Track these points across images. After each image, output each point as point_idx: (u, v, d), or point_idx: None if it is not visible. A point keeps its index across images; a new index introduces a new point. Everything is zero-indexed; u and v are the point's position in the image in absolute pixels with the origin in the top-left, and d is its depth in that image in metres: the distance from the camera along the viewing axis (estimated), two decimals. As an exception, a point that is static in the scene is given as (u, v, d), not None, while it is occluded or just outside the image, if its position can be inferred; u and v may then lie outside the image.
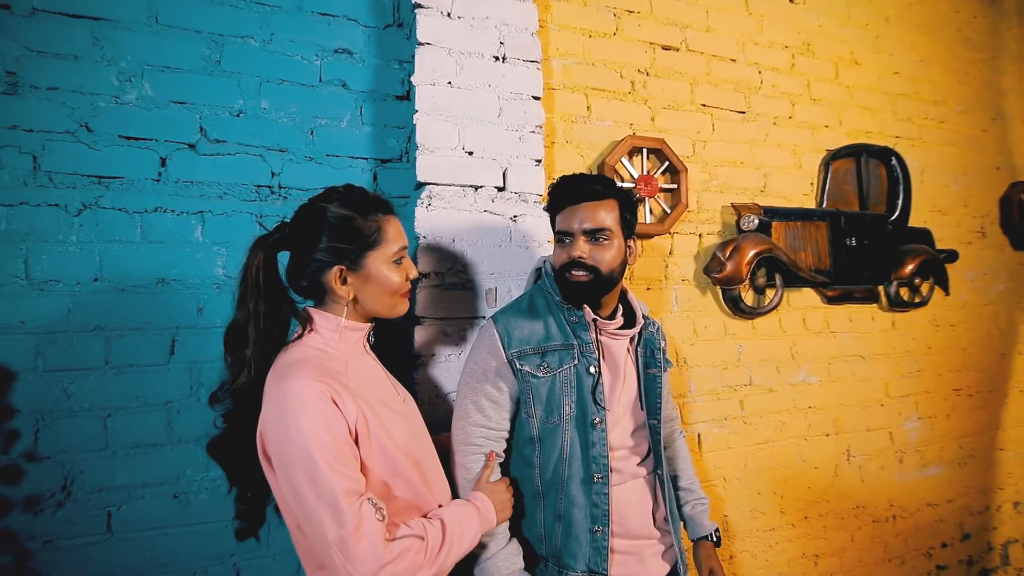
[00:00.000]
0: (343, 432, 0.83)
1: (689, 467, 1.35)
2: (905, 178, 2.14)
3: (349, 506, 0.78)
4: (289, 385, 0.82)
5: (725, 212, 1.89)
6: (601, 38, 1.72)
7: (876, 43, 2.20)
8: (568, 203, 1.10)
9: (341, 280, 0.93)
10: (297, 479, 0.79)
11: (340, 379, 0.87)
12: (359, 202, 0.95)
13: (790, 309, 1.99)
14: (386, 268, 0.95)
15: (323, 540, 0.78)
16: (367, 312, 0.98)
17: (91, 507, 1.18)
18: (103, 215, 1.22)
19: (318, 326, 0.94)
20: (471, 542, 0.95)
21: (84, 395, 1.19)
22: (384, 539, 0.80)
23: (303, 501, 0.79)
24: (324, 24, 1.42)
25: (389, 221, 0.97)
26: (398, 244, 0.97)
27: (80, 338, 1.19)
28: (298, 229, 0.95)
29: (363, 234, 0.93)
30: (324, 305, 0.96)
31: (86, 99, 1.22)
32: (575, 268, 1.08)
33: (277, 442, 0.81)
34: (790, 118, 2.02)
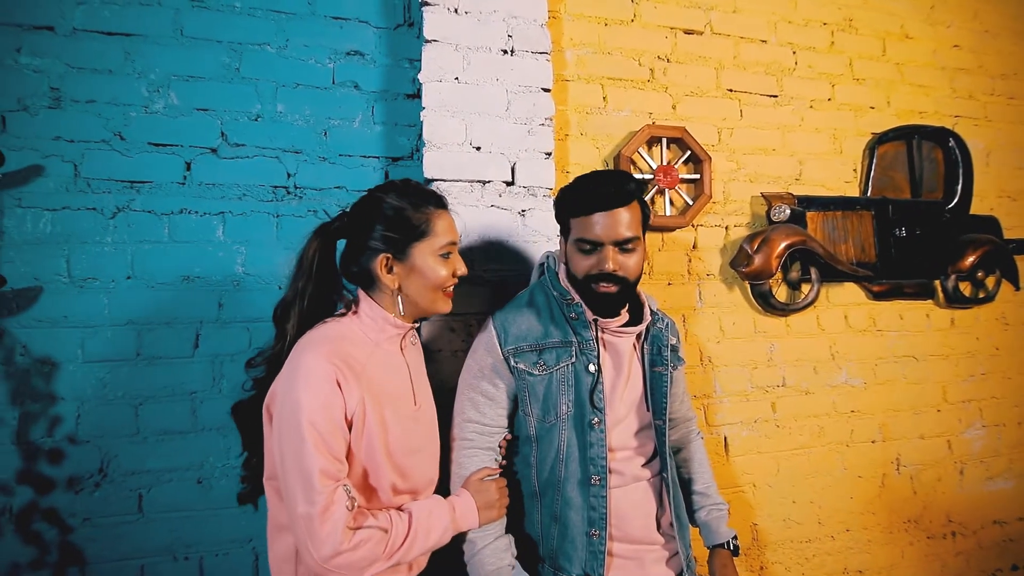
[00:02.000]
0: (339, 415, 0.85)
1: (706, 470, 1.29)
2: (965, 161, 1.94)
3: (323, 487, 0.81)
4: (304, 358, 0.86)
5: (755, 203, 1.79)
6: (618, 25, 1.67)
7: (931, 14, 2.01)
8: (595, 209, 1.00)
9: (387, 268, 0.95)
10: (285, 447, 0.83)
11: (354, 365, 0.89)
12: (413, 194, 0.98)
13: (830, 305, 1.86)
14: (432, 260, 0.96)
15: (293, 511, 0.82)
16: (410, 304, 0.99)
17: (125, 488, 1.27)
18: (134, 217, 1.31)
19: (362, 311, 0.97)
20: (439, 538, 0.95)
21: (118, 384, 1.28)
22: (347, 527, 0.82)
23: (285, 469, 0.83)
24: (336, 27, 1.46)
25: (440, 215, 0.99)
26: (447, 238, 0.98)
27: (115, 331, 1.29)
28: (354, 217, 0.99)
29: (412, 224, 0.95)
30: (373, 293, 0.99)
31: (119, 110, 1.31)
32: (605, 280, 1.02)
33: (280, 407, 0.85)
34: (829, 100, 1.88)
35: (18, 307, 1.23)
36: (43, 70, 1.27)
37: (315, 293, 0.96)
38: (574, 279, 1.08)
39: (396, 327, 0.99)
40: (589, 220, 1.01)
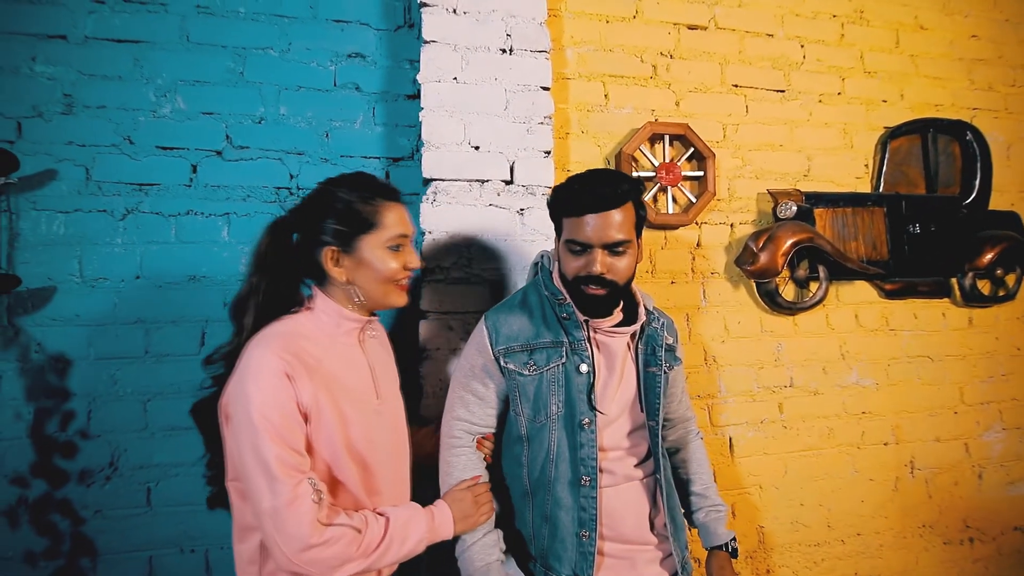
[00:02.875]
0: (291, 407, 0.84)
1: (705, 471, 1.27)
2: (984, 155, 1.87)
3: (286, 477, 0.80)
4: (253, 354, 0.85)
5: (761, 199, 1.76)
6: (619, 22, 1.66)
7: (948, 4, 1.95)
8: (586, 210, 0.99)
9: (334, 261, 0.94)
10: (243, 443, 0.82)
11: (308, 360, 0.88)
12: (362, 187, 0.97)
13: (840, 304, 1.82)
14: (380, 252, 0.94)
15: (258, 508, 0.81)
16: (364, 298, 0.97)
17: (134, 482, 1.31)
18: (143, 219, 1.35)
19: (316, 306, 0.96)
20: (413, 547, 0.93)
21: (128, 381, 1.32)
22: (316, 521, 0.81)
23: (245, 466, 0.82)
24: (338, 30, 1.48)
25: (390, 207, 0.97)
26: (396, 231, 0.96)
27: (124, 330, 1.33)
28: (304, 211, 0.98)
29: (360, 217, 0.93)
30: (325, 288, 0.98)
31: (128, 115, 1.35)
32: (593, 283, 1.02)
33: (234, 405, 0.84)
34: (839, 94, 1.84)
35: (33, 306, 1.28)
36: (56, 77, 1.32)
37: (270, 288, 0.94)
38: (565, 282, 1.07)
39: (351, 320, 0.97)
40: (580, 221, 1.00)
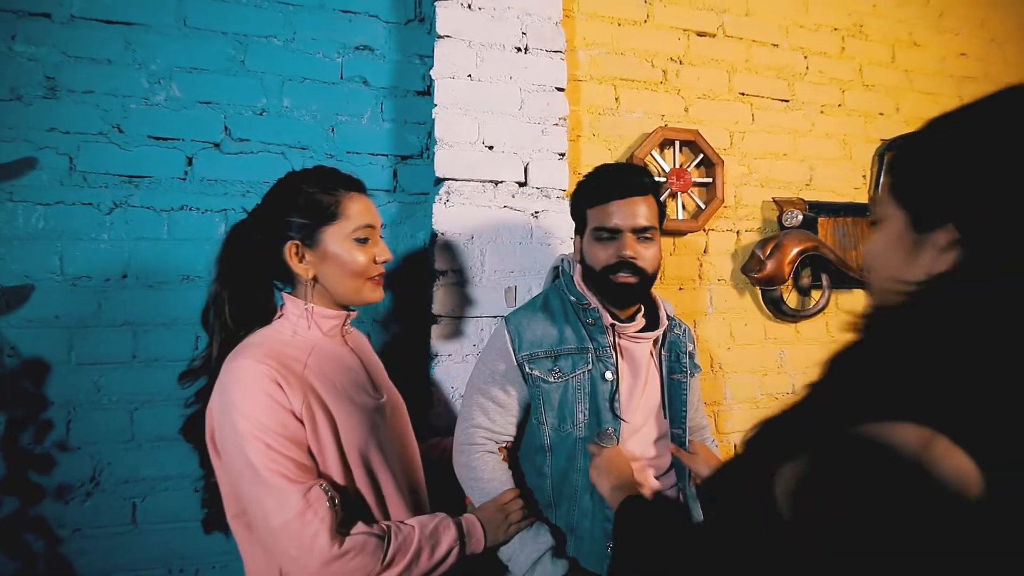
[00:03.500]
0: (286, 414, 0.78)
1: None
2: (973, 169, 1.93)
3: (294, 487, 0.74)
4: (233, 365, 0.79)
5: (766, 207, 1.77)
6: (631, 26, 1.65)
7: (939, 22, 2.01)
8: (613, 197, 1.00)
9: (297, 257, 0.87)
10: (238, 462, 0.75)
11: (294, 366, 0.82)
12: (323, 178, 0.91)
13: (839, 312, 1.84)
14: (346, 245, 0.88)
15: (268, 527, 0.74)
16: (333, 296, 0.91)
17: (117, 498, 1.21)
18: (133, 213, 1.26)
19: (287, 310, 0.90)
20: (444, 555, 0.87)
21: (113, 388, 1.22)
22: (333, 530, 0.75)
23: (245, 485, 0.75)
24: (345, 21, 1.42)
25: (352, 198, 0.91)
26: (361, 221, 0.89)
27: (110, 332, 1.23)
28: (264, 208, 0.91)
29: (320, 208, 0.87)
30: (295, 289, 0.91)
31: (118, 101, 1.26)
32: (624, 270, 0.99)
33: (220, 423, 0.78)
34: (839, 106, 1.87)
35: (8, 306, 1.17)
36: (38, 58, 1.22)
37: (236, 297, 0.87)
38: (592, 276, 1.04)
39: (329, 318, 0.91)
40: (608, 208, 1.00)
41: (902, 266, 0.47)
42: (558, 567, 0.98)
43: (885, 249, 0.50)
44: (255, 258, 0.90)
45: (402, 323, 1.42)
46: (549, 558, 0.98)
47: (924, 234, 0.45)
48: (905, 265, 0.47)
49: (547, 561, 0.98)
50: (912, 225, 0.47)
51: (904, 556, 0.36)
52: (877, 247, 0.51)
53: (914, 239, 0.46)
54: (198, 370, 0.88)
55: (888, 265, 0.49)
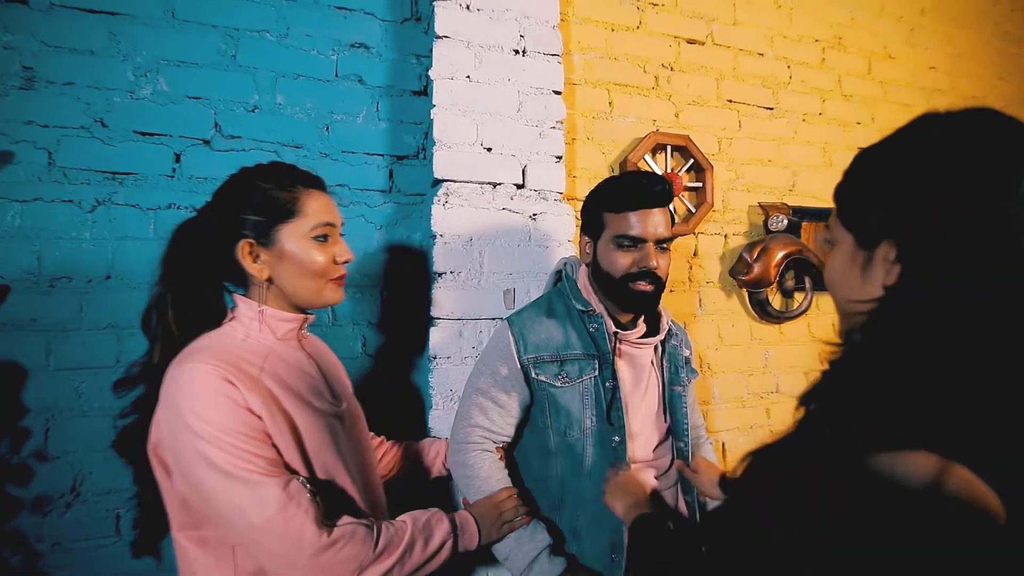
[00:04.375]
0: (245, 411, 0.74)
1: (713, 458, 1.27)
2: (942, 177, 2.03)
3: (271, 479, 0.71)
4: (181, 370, 0.74)
5: (752, 212, 1.82)
6: (624, 32, 1.67)
7: (911, 36, 2.11)
8: (640, 206, 1.00)
9: (252, 257, 0.82)
10: (198, 469, 0.70)
11: (247, 369, 0.77)
12: (280, 174, 0.86)
13: (819, 314, 1.91)
14: (304, 244, 0.83)
15: (247, 528, 0.69)
16: (290, 298, 0.86)
17: (100, 509, 1.16)
18: (116, 211, 1.20)
19: (239, 313, 0.85)
20: (438, 547, 0.86)
21: (95, 394, 1.17)
22: (319, 521, 0.73)
23: (211, 492, 0.70)
24: (341, 18, 1.39)
25: (311, 195, 0.86)
26: (320, 219, 0.85)
27: (92, 336, 1.17)
28: (215, 206, 0.86)
29: (276, 205, 0.83)
30: (248, 291, 0.86)
31: (101, 94, 1.21)
32: (644, 279, 1.01)
33: (171, 433, 0.72)
34: (820, 115, 1.94)
35: (-20, 308, 1.11)
36: (15, 47, 1.15)
37: (181, 299, 0.82)
38: (607, 281, 1.05)
39: (285, 321, 0.86)
40: (634, 216, 1.00)
41: (858, 283, 0.51)
42: (556, 565, 0.98)
43: (841, 269, 0.54)
44: (204, 258, 0.85)
45: (398, 324, 1.40)
46: (547, 556, 0.98)
47: (870, 251, 0.50)
48: (861, 282, 0.51)
49: (544, 559, 0.98)
50: (858, 244, 0.51)
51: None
52: (834, 268, 0.55)
53: (864, 257, 0.51)
54: (136, 378, 0.82)
55: (846, 283, 0.53)
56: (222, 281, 0.88)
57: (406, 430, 1.32)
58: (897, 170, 0.48)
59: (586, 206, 1.09)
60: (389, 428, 1.21)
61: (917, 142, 0.48)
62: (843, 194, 0.55)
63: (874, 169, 0.51)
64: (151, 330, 0.83)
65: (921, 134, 0.48)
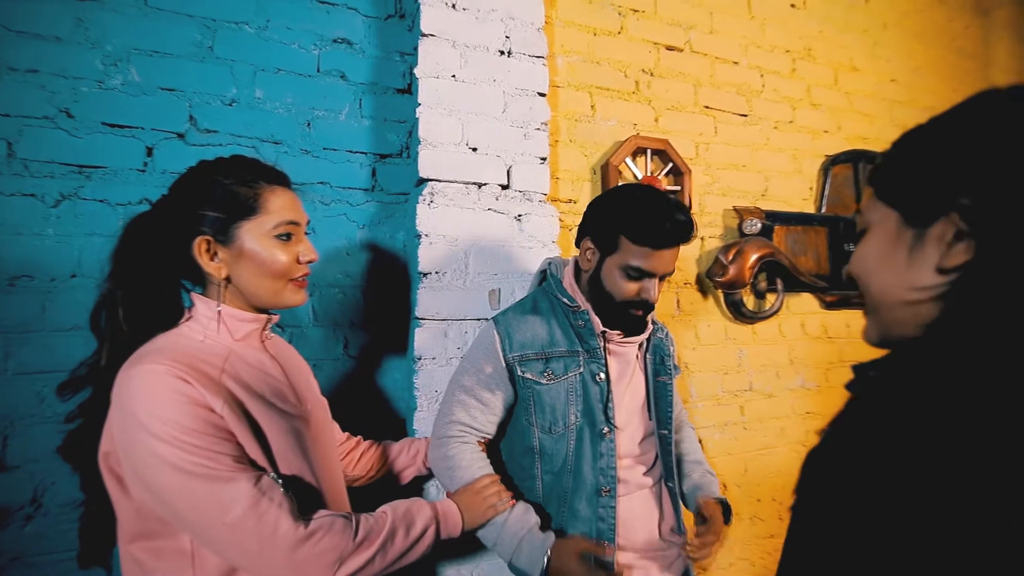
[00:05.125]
0: (205, 411, 0.70)
1: (697, 448, 1.28)
2: (902, 185, 2.14)
3: (241, 475, 0.69)
4: (133, 372, 0.70)
5: (727, 215, 1.87)
6: (606, 36, 1.69)
7: (874, 50, 2.22)
8: (665, 246, 0.99)
9: (209, 254, 0.79)
10: (159, 473, 0.67)
11: (206, 370, 0.74)
12: (239, 168, 0.82)
13: (789, 314, 1.98)
14: (266, 242, 0.80)
15: (220, 526, 0.67)
16: (249, 298, 0.83)
17: (63, 521, 1.10)
18: (83, 206, 1.15)
19: (196, 312, 0.81)
20: (421, 533, 0.85)
21: (58, 400, 1.10)
22: (294, 514, 0.71)
23: (175, 495, 0.67)
24: (323, 12, 1.36)
25: (274, 191, 0.82)
26: (283, 216, 0.81)
27: (56, 338, 1.11)
28: (170, 201, 0.82)
29: (236, 201, 0.79)
30: (206, 290, 0.82)
31: (67, 83, 1.14)
32: (642, 307, 1.04)
33: (126, 439, 0.69)
34: (791, 123, 2.01)
35: (-69, 309, 1.04)
36: (-29, 30, 1.08)
37: (132, 296, 0.78)
38: (602, 298, 1.06)
39: (246, 322, 0.83)
40: (653, 255, 0.99)
41: (902, 268, 0.45)
42: (547, 538, 0.98)
43: (879, 254, 0.47)
44: (158, 254, 0.80)
45: (381, 325, 1.38)
46: (535, 533, 0.98)
47: (921, 230, 0.44)
48: (906, 266, 0.44)
49: (533, 537, 0.98)
50: (906, 222, 0.45)
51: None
52: (868, 255, 0.48)
53: (913, 236, 0.44)
54: (82, 380, 0.78)
55: (886, 269, 0.46)
56: (178, 279, 0.84)
57: (389, 431, 1.30)
58: (966, 137, 0.42)
59: (601, 217, 1.05)
60: (372, 429, 1.19)
61: (986, 110, 0.43)
62: (886, 171, 0.48)
63: (932, 141, 0.45)
64: (100, 330, 0.78)
65: (985, 106, 0.43)
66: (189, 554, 0.72)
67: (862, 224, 0.51)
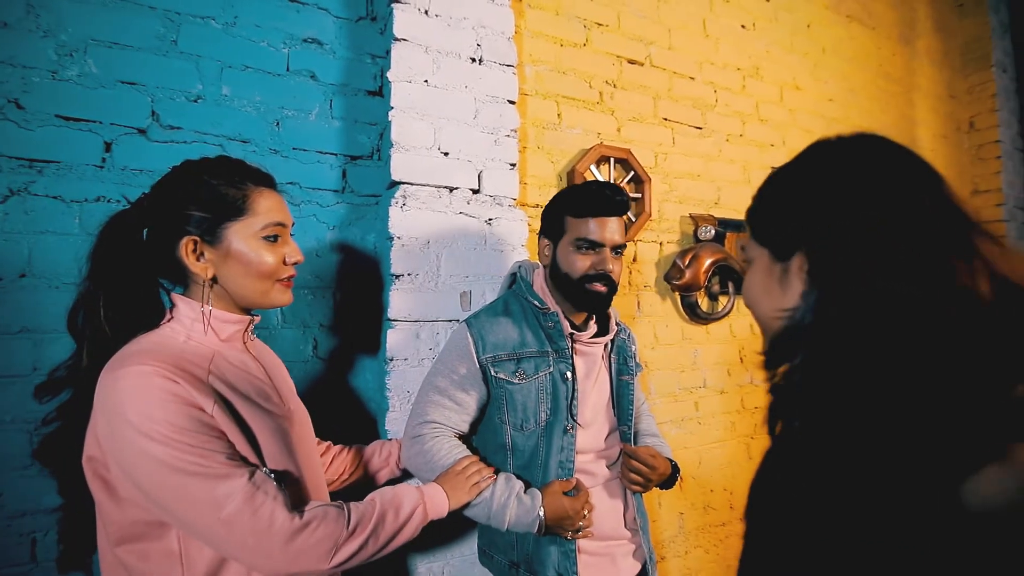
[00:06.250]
0: (195, 410, 0.71)
1: (655, 428, 1.34)
2: (838, 196, 2.33)
3: (235, 471, 0.70)
4: (120, 374, 0.69)
5: (684, 222, 1.98)
6: (572, 48, 1.76)
7: (815, 71, 2.40)
8: (601, 213, 1.09)
9: (196, 255, 0.79)
10: (151, 474, 0.67)
11: (193, 371, 0.74)
12: (227, 169, 0.83)
13: (739, 315, 2.11)
14: (253, 243, 0.81)
15: (215, 522, 0.68)
16: (235, 298, 0.84)
17: (12, 534, 1.04)
18: (34, 203, 1.09)
19: (179, 313, 0.81)
20: (409, 515, 0.88)
21: (6, 406, 1.05)
22: (288, 506, 0.73)
23: (169, 494, 0.68)
24: (293, 11, 1.35)
25: (262, 193, 0.84)
26: (270, 218, 0.83)
27: (2, 342, 1.05)
28: (155, 199, 0.81)
29: (224, 202, 0.80)
30: (188, 290, 0.83)
31: (16, 72, 1.09)
32: (600, 280, 1.09)
33: (116, 440, 0.68)
34: (741, 136, 2.15)
35: None
36: (-94, 12, 1.01)
37: (113, 297, 0.77)
38: (565, 282, 1.11)
39: (231, 323, 0.84)
40: (595, 221, 1.08)
41: (778, 295, 0.54)
42: (535, 497, 1.03)
43: (760, 284, 0.57)
44: (140, 254, 0.80)
45: (351, 326, 1.38)
46: (521, 497, 1.03)
47: (785, 263, 0.53)
48: (781, 294, 0.53)
49: (521, 501, 1.03)
50: (774, 258, 0.54)
51: None
52: (753, 284, 0.58)
53: (780, 270, 0.54)
54: (61, 382, 0.77)
55: (767, 297, 0.56)
56: (157, 278, 0.83)
57: (360, 434, 1.31)
58: (803, 187, 0.53)
59: (548, 211, 1.16)
60: (342, 432, 1.20)
61: (818, 162, 0.53)
62: (756, 214, 0.58)
63: (783, 188, 0.56)
64: (78, 330, 0.77)
65: (820, 156, 0.53)
66: (177, 555, 0.72)
67: (746, 258, 0.61)
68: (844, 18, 2.56)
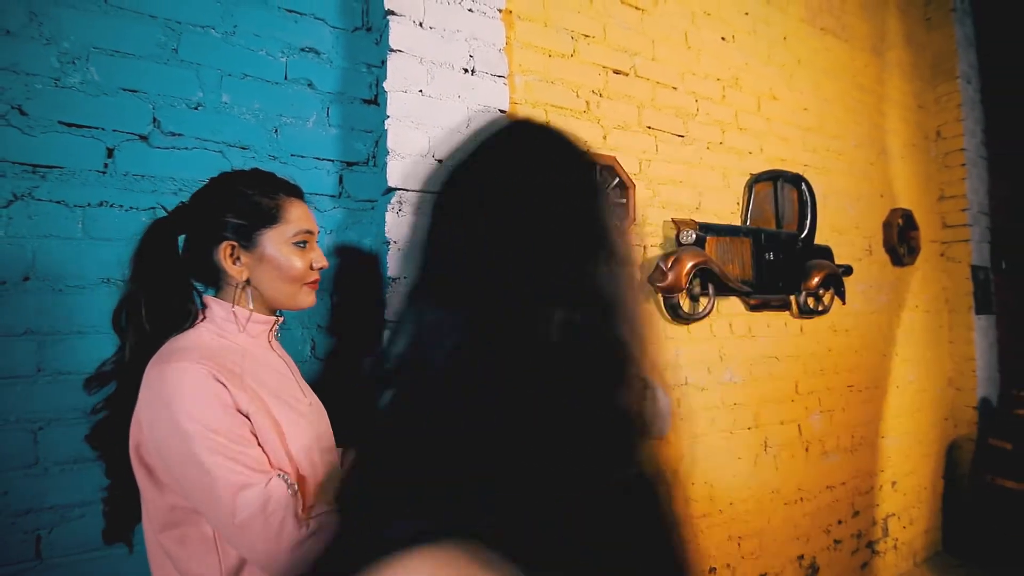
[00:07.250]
0: (233, 412, 0.76)
1: None
2: (812, 202, 2.44)
3: (253, 483, 0.74)
4: (168, 368, 0.75)
5: (666, 227, 2.06)
6: (560, 59, 1.82)
7: (791, 82, 2.51)
8: None
9: (233, 258, 0.87)
10: (187, 468, 0.73)
11: (233, 368, 0.80)
12: (261, 181, 0.92)
13: (719, 316, 2.21)
14: (285, 249, 0.89)
15: (230, 525, 0.73)
16: (266, 300, 0.91)
17: (17, 532, 1.06)
18: (38, 207, 1.11)
19: (212, 313, 0.87)
20: None
21: (12, 406, 1.07)
22: (298, 514, 0.77)
23: (196, 487, 0.73)
24: (291, 21, 1.39)
25: (292, 202, 0.93)
26: (300, 226, 0.91)
27: (6, 343, 1.08)
28: (194, 207, 0.90)
29: (260, 210, 0.88)
30: (221, 291, 0.90)
31: (20, 79, 1.11)
32: None
33: (157, 430, 0.74)
34: (721, 144, 2.24)
35: None
36: (-89, 19, 1.03)
37: (153, 298, 0.84)
38: None
39: (259, 323, 0.90)
40: None
41: None
42: None
43: None
44: (181, 257, 0.89)
45: (349, 328, 1.43)
46: None
47: None
48: None
49: None
50: None
51: None
52: None
53: None
54: (108, 375, 0.86)
55: None
56: (192, 280, 0.90)
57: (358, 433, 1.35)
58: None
59: None
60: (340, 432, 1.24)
61: None
62: None
63: None
64: (121, 328, 0.84)
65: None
66: (212, 540, 0.77)
67: None
68: (819, 31, 2.67)
